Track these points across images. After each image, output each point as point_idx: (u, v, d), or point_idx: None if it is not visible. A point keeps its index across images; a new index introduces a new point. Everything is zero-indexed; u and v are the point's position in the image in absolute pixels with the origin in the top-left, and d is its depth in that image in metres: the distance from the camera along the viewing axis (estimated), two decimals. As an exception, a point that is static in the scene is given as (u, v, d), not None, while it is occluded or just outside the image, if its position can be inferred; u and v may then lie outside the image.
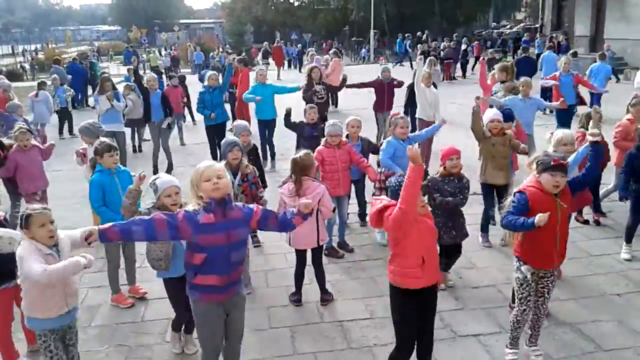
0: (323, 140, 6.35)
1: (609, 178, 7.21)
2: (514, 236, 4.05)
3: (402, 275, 3.66)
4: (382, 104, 10.68)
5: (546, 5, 30.47)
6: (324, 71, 13.45)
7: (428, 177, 5.57)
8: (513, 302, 4.89)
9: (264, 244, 6.65)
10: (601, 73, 12.66)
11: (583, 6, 26.43)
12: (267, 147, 10.06)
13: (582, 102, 10.78)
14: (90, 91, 19.59)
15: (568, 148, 4.92)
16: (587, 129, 6.01)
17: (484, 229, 6.52)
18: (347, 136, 6.60)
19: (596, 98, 11.93)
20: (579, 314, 4.88)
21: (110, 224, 3.25)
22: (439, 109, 9.50)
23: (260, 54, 30.98)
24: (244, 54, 23.91)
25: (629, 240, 5.98)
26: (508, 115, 6.79)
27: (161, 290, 4.54)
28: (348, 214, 6.85)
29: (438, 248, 4.38)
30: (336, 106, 16.49)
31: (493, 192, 6.37)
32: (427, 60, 11.99)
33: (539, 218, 3.58)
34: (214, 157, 5.76)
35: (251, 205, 3.54)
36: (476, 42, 28.06)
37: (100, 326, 5.02)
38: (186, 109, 14.09)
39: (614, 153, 6.89)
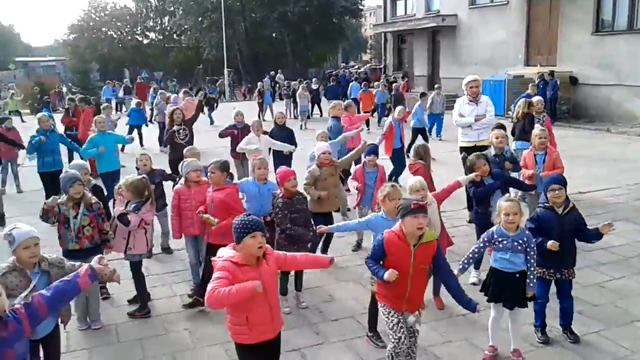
0: (182, 179, 6.20)
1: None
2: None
3: (232, 331, 3.58)
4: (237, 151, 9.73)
5: (388, 48, 32.85)
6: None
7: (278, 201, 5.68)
8: (370, 330, 5.02)
9: (113, 295, 6.18)
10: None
11: (420, 50, 28.94)
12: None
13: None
14: None
15: (420, 193, 5.02)
16: (424, 161, 6.45)
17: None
18: None
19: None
20: (431, 336, 5.09)
21: None
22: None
23: (121, 90, 29.93)
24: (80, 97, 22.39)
25: (477, 266, 6.17)
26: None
27: None
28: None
29: None
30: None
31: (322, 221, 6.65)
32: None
33: (388, 275, 3.75)
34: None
35: (15, 307, 3.01)
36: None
37: None
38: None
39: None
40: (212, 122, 21.23)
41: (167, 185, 7.59)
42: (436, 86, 18.42)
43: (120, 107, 28.14)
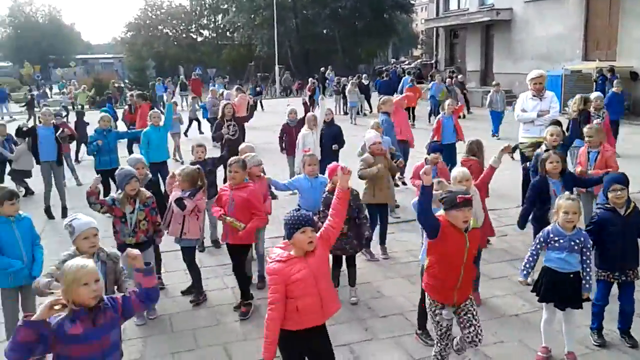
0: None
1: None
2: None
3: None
4: (293, 147, 9.94)
5: (439, 43, 32.37)
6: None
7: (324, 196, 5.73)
8: (419, 329, 4.99)
9: (167, 286, 6.37)
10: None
11: (473, 44, 28.39)
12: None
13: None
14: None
15: (464, 184, 5.01)
16: (477, 157, 6.31)
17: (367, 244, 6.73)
18: None
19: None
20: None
21: None
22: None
23: (177, 87, 30.73)
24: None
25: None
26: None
27: None
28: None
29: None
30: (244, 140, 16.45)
31: (377, 212, 6.76)
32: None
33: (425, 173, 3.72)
34: (105, 195, 5.61)
35: (114, 296, 3.19)
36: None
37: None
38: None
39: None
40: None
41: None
42: (494, 83, 17.86)
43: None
